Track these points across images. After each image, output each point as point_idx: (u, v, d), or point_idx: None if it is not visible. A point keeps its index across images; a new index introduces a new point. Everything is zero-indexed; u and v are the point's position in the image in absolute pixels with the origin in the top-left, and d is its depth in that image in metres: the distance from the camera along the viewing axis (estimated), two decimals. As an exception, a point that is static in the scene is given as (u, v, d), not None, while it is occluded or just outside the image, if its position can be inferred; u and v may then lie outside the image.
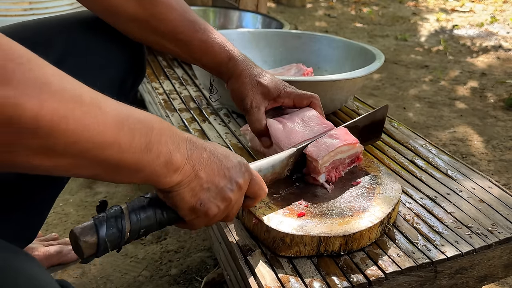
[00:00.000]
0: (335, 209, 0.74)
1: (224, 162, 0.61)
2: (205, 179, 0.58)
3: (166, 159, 0.52)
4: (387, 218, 0.73)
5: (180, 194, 0.57)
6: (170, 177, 0.54)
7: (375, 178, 0.83)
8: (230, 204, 0.62)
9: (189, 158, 0.56)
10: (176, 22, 0.83)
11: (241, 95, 0.88)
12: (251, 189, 0.66)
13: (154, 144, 0.51)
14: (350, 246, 0.69)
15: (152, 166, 0.51)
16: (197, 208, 0.59)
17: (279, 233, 0.68)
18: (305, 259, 0.69)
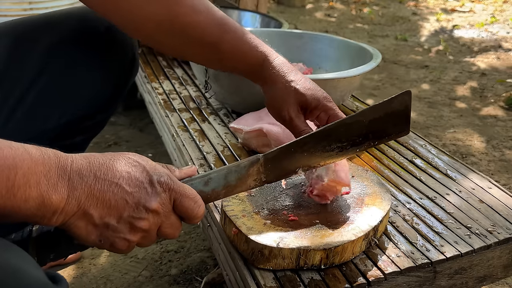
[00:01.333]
0: (319, 220, 0.71)
1: (126, 187, 0.52)
2: (97, 216, 0.51)
3: (38, 202, 0.46)
4: (373, 231, 0.70)
5: (74, 232, 0.51)
6: (48, 219, 0.48)
7: (366, 188, 0.80)
8: (149, 231, 0.55)
9: (70, 196, 0.49)
10: (203, 24, 0.76)
11: (277, 104, 0.79)
12: (179, 210, 0.57)
13: (19, 188, 0.45)
14: (331, 260, 0.66)
15: (21, 211, 0.46)
16: (99, 244, 0.53)
17: (258, 245, 0.65)
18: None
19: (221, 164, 0.96)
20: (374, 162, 0.98)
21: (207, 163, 0.96)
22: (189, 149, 1.02)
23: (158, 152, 1.79)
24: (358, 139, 0.70)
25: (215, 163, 0.96)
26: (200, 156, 0.99)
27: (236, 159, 0.97)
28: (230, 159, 0.97)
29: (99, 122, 0.95)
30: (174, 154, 1.15)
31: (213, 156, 0.99)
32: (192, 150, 1.02)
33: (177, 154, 1.10)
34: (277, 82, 0.78)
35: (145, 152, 1.80)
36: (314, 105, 0.77)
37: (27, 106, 0.78)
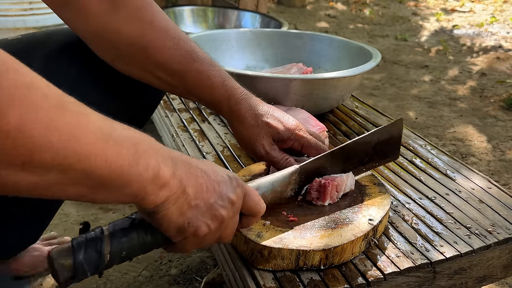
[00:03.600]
0: (319, 221, 0.71)
1: (213, 176, 0.57)
2: (193, 196, 0.54)
3: (154, 172, 0.49)
4: (373, 231, 0.71)
5: (167, 214, 0.53)
6: (156, 194, 0.50)
7: (365, 188, 0.80)
8: (223, 223, 0.58)
9: (175, 173, 0.52)
10: (173, 50, 0.74)
11: (249, 140, 0.79)
12: (246, 205, 0.61)
13: (141, 156, 0.48)
14: (331, 261, 0.66)
15: (139, 181, 0.48)
16: (185, 228, 0.55)
17: (257, 245, 0.65)
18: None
19: (221, 164, 0.96)
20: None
21: (206, 163, 0.96)
22: (188, 149, 1.02)
23: (158, 152, 1.79)
24: (366, 158, 0.81)
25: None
26: (200, 156, 0.99)
27: (236, 159, 0.97)
28: (229, 159, 0.97)
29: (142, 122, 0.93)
30: (174, 154, 1.15)
31: (212, 156, 0.99)
32: (191, 150, 1.02)
33: (177, 154, 1.10)
34: (246, 118, 0.78)
35: (145, 152, 1.80)
36: (286, 136, 0.79)
37: None
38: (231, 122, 0.81)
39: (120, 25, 0.71)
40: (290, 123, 0.80)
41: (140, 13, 0.72)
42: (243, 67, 1.42)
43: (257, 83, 1.08)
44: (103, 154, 0.44)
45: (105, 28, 0.71)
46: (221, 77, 0.78)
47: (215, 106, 0.80)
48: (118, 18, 0.71)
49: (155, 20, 0.73)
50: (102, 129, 0.45)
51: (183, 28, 1.97)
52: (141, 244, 0.56)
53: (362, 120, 1.20)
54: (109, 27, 0.71)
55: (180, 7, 2.08)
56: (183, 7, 2.08)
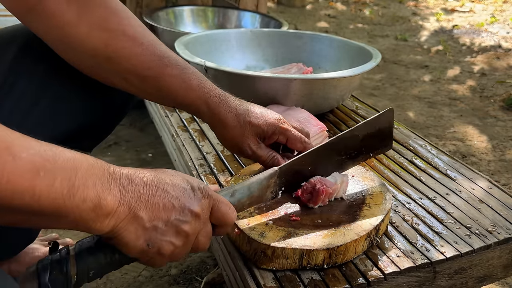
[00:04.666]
0: (321, 220, 0.71)
1: (171, 191, 0.54)
2: (147, 218, 0.52)
3: (94, 203, 0.48)
4: (375, 230, 0.71)
5: (122, 239, 0.52)
6: (100, 222, 0.49)
7: (367, 187, 0.80)
8: (190, 237, 0.56)
9: (122, 199, 0.50)
10: (142, 57, 0.72)
11: (234, 142, 0.78)
12: (214, 216, 0.59)
13: (78, 188, 0.46)
14: (334, 260, 0.66)
15: (77, 212, 0.47)
16: (146, 250, 0.54)
17: (261, 245, 0.65)
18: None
19: (221, 164, 0.96)
20: (374, 162, 0.98)
21: (206, 163, 0.96)
22: (189, 149, 1.02)
23: (158, 152, 1.79)
24: (353, 152, 0.80)
25: (214, 163, 0.96)
26: (200, 156, 0.99)
27: (236, 159, 0.97)
28: (230, 159, 0.97)
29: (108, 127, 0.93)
30: (174, 154, 1.15)
31: (213, 156, 0.99)
32: (192, 150, 1.02)
33: (177, 154, 1.10)
34: (227, 120, 0.76)
35: (145, 152, 1.80)
36: (271, 132, 0.78)
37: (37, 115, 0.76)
38: (212, 125, 0.78)
39: (84, 37, 0.70)
40: (273, 117, 0.79)
41: (105, 23, 0.71)
42: (243, 67, 1.42)
43: (257, 83, 1.08)
44: (29, 190, 0.43)
45: (68, 39, 0.70)
46: (197, 79, 0.76)
47: (193, 110, 0.77)
48: (81, 29, 0.69)
49: (121, 29, 0.72)
50: (31, 163, 0.44)
51: (183, 28, 1.97)
52: (109, 263, 0.56)
53: (362, 120, 1.20)
54: (72, 39, 0.70)
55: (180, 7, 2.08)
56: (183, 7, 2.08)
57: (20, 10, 0.69)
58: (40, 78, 0.73)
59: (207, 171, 0.93)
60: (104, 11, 0.71)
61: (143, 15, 1.84)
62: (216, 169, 0.94)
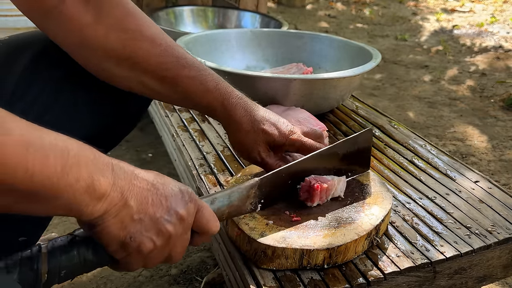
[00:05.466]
0: (321, 220, 0.71)
1: (161, 189, 0.54)
2: (135, 209, 0.51)
3: (88, 183, 0.47)
4: (375, 230, 0.71)
5: (107, 227, 0.50)
6: (93, 205, 0.48)
7: (367, 187, 0.80)
8: (170, 239, 0.55)
9: (115, 184, 0.49)
10: (161, 58, 0.72)
11: (245, 146, 0.77)
12: (197, 223, 0.58)
13: (72, 167, 0.45)
14: (334, 260, 0.67)
15: (70, 192, 0.46)
16: (127, 243, 0.52)
17: (261, 245, 0.65)
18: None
19: (221, 164, 0.96)
20: (374, 162, 0.98)
21: (207, 163, 0.96)
22: (189, 149, 1.02)
23: (158, 152, 1.79)
24: (333, 169, 0.80)
25: (215, 163, 0.96)
26: (200, 156, 0.99)
27: (236, 159, 0.98)
28: (230, 159, 0.97)
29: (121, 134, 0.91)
30: (174, 154, 1.15)
31: (213, 156, 0.99)
32: (192, 150, 1.02)
33: (177, 154, 1.10)
34: (242, 124, 0.76)
35: (145, 152, 1.80)
36: (281, 143, 0.78)
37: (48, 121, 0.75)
38: (227, 127, 0.78)
39: (102, 38, 0.69)
40: (285, 128, 0.78)
41: (123, 24, 0.71)
42: (243, 67, 1.42)
43: (257, 83, 1.08)
44: (21, 166, 0.42)
45: (87, 41, 0.69)
46: (213, 81, 0.75)
47: (210, 111, 0.77)
48: (100, 31, 0.69)
49: (139, 30, 0.72)
50: (22, 138, 0.43)
51: (183, 28, 1.98)
52: (82, 263, 0.54)
53: (362, 120, 1.20)
54: (91, 40, 0.69)
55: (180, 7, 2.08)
56: (183, 7, 2.08)
57: (37, 14, 0.68)
58: (53, 85, 0.72)
59: (207, 171, 0.93)
60: (121, 12, 0.71)
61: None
62: (216, 169, 0.94)
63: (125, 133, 0.90)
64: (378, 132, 1.13)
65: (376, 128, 1.15)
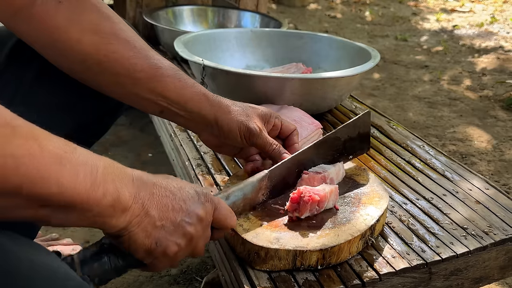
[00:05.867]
0: (316, 221, 0.71)
1: (179, 194, 0.57)
2: (157, 217, 0.54)
3: (114, 197, 0.49)
4: (370, 230, 0.70)
5: (132, 237, 0.53)
6: (117, 218, 0.51)
7: (363, 187, 0.80)
8: (193, 239, 0.58)
9: (137, 197, 0.52)
10: (135, 59, 0.72)
11: (243, 122, 0.77)
12: (216, 219, 0.61)
13: (100, 184, 0.48)
14: (328, 261, 0.66)
15: (99, 206, 0.48)
16: (153, 249, 0.55)
17: (254, 246, 0.65)
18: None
19: (218, 164, 0.96)
20: (371, 162, 0.99)
21: (204, 163, 0.96)
22: (186, 149, 1.02)
23: (158, 152, 1.79)
24: (336, 154, 0.83)
25: (212, 163, 0.96)
26: (197, 156, 0.99)
27: (233, 159, 0.98)
28: (227, 159, 0.97)
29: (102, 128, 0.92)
30: (172, 154, 1.15)
31: (210, 156, 0.99)
32: (189, 150, 1.02)
33: (175, 154, 1.10)
34: (229, 105, 0.78)
35: (145, 152, 1.81)
36: (269, 113, 0.80)
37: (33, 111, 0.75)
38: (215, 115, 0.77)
39: (75, 42, 0.68)
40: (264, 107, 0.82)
41: (96, 27, 0.70)
42: (243, 66, 1.42)
43: (256, 82, 1.08)
44: (54, 179, 0.44)
45: (57, 43, 0.68)
46: (190, 79, 0.76)
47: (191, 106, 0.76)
48: (71, 34, 0.68)
49: (113, 33, 0.71)
50: (56, 154, 0.45)
51: (182, 28, 1.97)
52: (114, 269, 0.56)
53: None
54: (62, 44, 0.68)
55: (180, 7, 2.08)
56: (183, 7, 2.08)
57: (5, 14, 0.67)
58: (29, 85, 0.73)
59: (204, 171, 0.94)
60: (97, 16, 0.71)
61: (143, 14, 1.85)
62: (213, 169, 0.94)
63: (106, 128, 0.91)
64: (376, 132, 1.13)
65: (374, 128, 1.15)
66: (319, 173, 0.78)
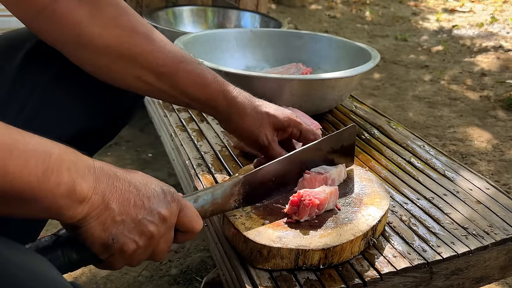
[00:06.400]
0: (318, 220, 0.71)
1: (143, 190, 0.55)
2: (117, 211, 0.52)
3: (69, 187, 0.47)
4: (372, 230, 0.70)
5: (89, 229, 0.51)
6: (74, 209, 0.48)
7: (364, 187, 0.80)
8: (153, 239, 0.55)
9: (97, 188, 0.50)
10: (157, 53, 0.72)
11: (251, 131, 0.78)
12: (181, 221, 0.59)
13: (53, 172, 0.46)
14: (330, 260, 0.66)
15: (51, 196, 0.46)
16: (110, 244, 0.52)
17: (256, 245, 0.65)
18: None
19: (218, 164, 0.96)
20: (372, 162, 0.99)
21: (204, 163, 0.96)
22: (187, 149, 1.02)
23: (158, 152, 1.79)
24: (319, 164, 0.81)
25: (212, 162, 0.96)
26: (198, 156, 0.99)
27: (234, 159, 0.98)
28: (228, 159, 0.97)
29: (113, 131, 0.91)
30: (172, 153, 1.15)
31: (211, 156, 0.99)
32: (190, 150, 1.02)
33: (175, 154, 1.10)
34: (246, 110, 0.77)
35: (145, 152, 1.81)
36: (286, 123, 0.80)
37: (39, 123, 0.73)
38: (229, 116, 0.78)
39: (97, 36, 0.69)
40: (286, 111, 0.82)
41: (117, 21, 0.71)
42: (243, 67, 1.42)
43: (255, 83, 1.08)
44: (3, 169, 0.42)
45: (82, 39, 0.69)
46: (211, 74, 0.76)
47: (209, 104, 0.77)
48: (95, 28, 0.69)
49: (133, 27, 0.72)
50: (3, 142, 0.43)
51: (182, 28, 1.98)
52: (67, 263, 0.54)
53: (360, 121, 1.20)
54: (86, 38, 0.69)
55: (180, 7, 2.08)
56: (183, 7, 2.08)
57: (28, 14, 0.67)
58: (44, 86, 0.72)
59: (205, 171, 0.94)
60: (116, 10, 0.71)
61: (143, 15, 1.85)
62: (213, 169, 0.94)
63: (116, 131, 0.90)
64: (376, 132, 1.13)
65: (374, 128, 1.15)
66: (321, 174, 0.77)
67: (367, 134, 1.12)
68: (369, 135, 1.11)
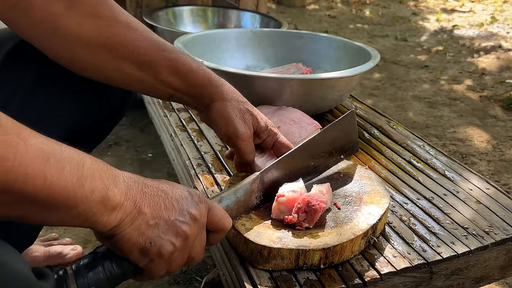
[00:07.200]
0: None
1: (171, 194, 0.56)
2: (150, 215, 0.53)
3: (102, 194, 0.48)
4: (372, 229, 0.70)
5: (125, 236, 0.52)
6: (108, 215, 0.49)
7: (364, 186, 0.80)
8: (188, 240, 0.56)
9: (128, 194, 0.51)
10: (138, 42, 0.70)
11: (234, 120, 0.75)
12: (211, 221, 0.60)
13: (87, 178, 0.47)
14: (330, 260, 0.66)
15: (86, 203, 0.47)
16: (147, 249, 0.53)
17: (257, 246, 0.65)
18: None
19: (218, 164, 0.96)
20: (372, 162, 0.99)
21: (204, 163, 0.96)
22: (187, 149, 1.02)
23: (158, 152, 1.79)
24: (325, 155, 0.82)
25: (212, 162, 0.96)
26: (198, 156, 0.99)
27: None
28: (228, 159, 0.97)
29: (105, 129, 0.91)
30: (172, 153, 1.15)
31: (211, 156, 0.99)
32: (190, 150, 1.02)
33: (175, 154, 1.10)
34: (230, 100, 0.76)
35: (145, 152, 1.80)
36: (263, 129, 0.79)
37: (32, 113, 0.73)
38: (213, 101, 0.76)
39: (75, 26, 0.67)
40: (266, 118, 0.80)
41: (96, 11, 0.68)
42: (243, 67, 1.42)
43: (255, 83, 1.08)
44: (41, 175, 0.44)
45: (59, 30, 0.66)
46: (195, 62, 0.75)
47: (193, 91, 0.75)
48: (72, 19, 0.66)
49: (113, 16, 0.70)
50: (41, 149, 0.44)
51: (182, 28, 1.98)
52: (109, 277, 0.55)
53: (361, 120, 1.20)
54: (63, 30, 0.66)
55: (180, 7, 2.08)
56: (183, 7, 2.08)
57: (3, 7, 0.65)
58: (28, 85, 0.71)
59: (205, 171, 0.94)
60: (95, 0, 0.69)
61: (143, 15, 1.85)
62: (213, 169, 0.94)
63: (109, 129, 0.90)
64: (376, 132, 1.13)
65: (374, 128, 1.15)
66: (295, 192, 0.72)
67: (367, 134, 1.12)
68: (369, 135, 1.11)
